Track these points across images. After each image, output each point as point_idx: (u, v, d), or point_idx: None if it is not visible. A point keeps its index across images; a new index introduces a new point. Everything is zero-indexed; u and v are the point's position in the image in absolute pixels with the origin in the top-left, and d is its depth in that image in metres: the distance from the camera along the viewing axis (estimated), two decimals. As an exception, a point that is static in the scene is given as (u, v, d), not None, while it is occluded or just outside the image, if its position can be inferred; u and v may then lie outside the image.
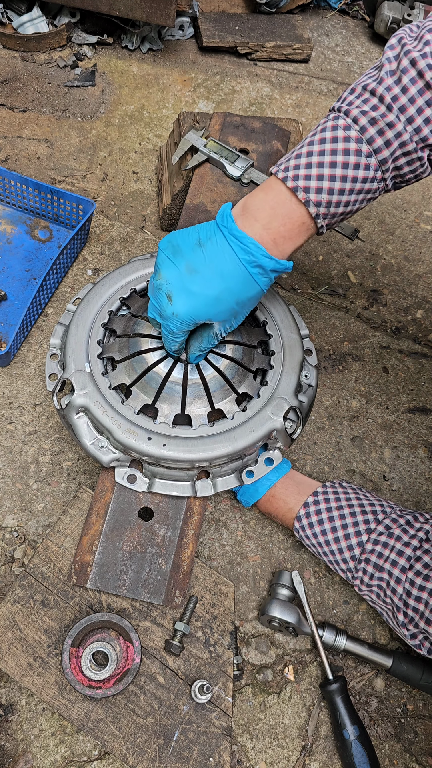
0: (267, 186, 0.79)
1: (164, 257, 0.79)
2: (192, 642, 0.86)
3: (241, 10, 1.94)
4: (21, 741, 0.85)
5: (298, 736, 0.89)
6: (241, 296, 0.78)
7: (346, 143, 0.73)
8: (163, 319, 0.81)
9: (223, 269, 0.76)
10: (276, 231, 0.76)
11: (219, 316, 0.80)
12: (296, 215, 0.76)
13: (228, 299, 0.78)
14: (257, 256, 0.76)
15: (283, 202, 0.76)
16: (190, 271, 0.77)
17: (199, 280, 0.77)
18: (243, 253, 0.76)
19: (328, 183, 0.74)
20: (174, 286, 0.78)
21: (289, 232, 0.77)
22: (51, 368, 0.93)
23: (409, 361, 1.28)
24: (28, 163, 1.48)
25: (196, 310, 0.78)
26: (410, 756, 0.89)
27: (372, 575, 0.83)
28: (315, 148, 0.75)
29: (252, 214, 0.77)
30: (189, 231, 0.80)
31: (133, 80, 1.73)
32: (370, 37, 2.06)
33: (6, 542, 0.98)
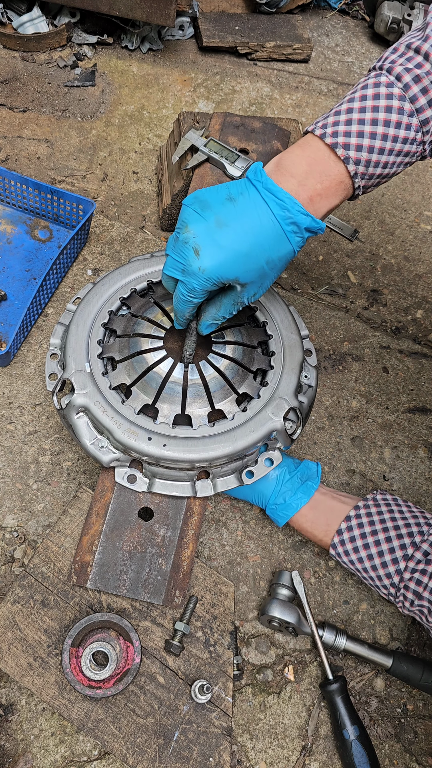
0: (304, 143, 0.75)
1: (191, 211, 0.75)
2: (192, 642, 0.86)
3: (241, 10, 1.94)
4: (21, 741, 0.85)
5: (298, 736, 0.89)
6: (272, 255, 0.74)
7: (388, 100, 0.71)
8: (186, 275, 0.75)
9: (255, 224, 0.73)
10: (312, 188, 0.73)
11: (247, 276, 0.75)
12: (334, 172, 0.73)
13: (259, 256, 0.74)
14: (293, 212, 0.72)
15: (320, 159, 0.73)
16: (219, 224, 0.73)
17: (231, 233, 0.73)
18: (278, 208, 0.72)
19: (368, 140, 0.71)
20: (202, 239, 0.73)
21: (326, 190, 0.74)
22: (51, 368, 0.93)
23: (409, 361, 1.28)
24: (28, 163, 1.48)
25: (225, 265, 0.73)
26: (410, 756, 0.89)
27: (412, 602, 0.81)
28: (356, 105, 0.73)
29: (287, 170, 0.74)
30: (218, 187, 0.76)
31: (133, 80, 1.73)
32: (370, 37, 2.06)
33: (6, 542, 0.98)
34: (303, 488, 0.91)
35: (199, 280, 0.75)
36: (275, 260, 0.76)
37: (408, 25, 1.91)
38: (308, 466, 0.94)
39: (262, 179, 0.73)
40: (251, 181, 0.74)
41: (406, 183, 1.60)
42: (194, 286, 0.76)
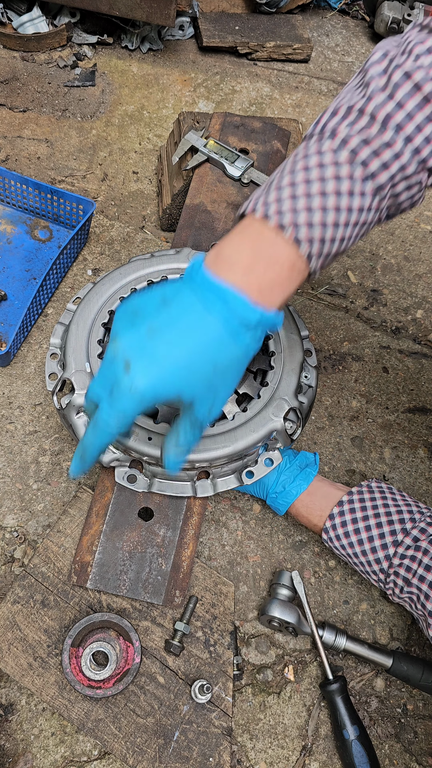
0: (244, 227, 0.64)
1: (122, 321, 0.62)
2: (192, 642, 0.86)
3: (241, 10, 1.94)
4: (21, 741, 0.85)
5: (298, 736, 0.89)
6: (220, 360, 0.61)
7: (336, 168, 0.62)
8: (115, 397, 0.60)
9: (194, 328, 0.60)
10: (260, 277, 0.62)
11: (192, 389, 0.61)
12: (284, 257, 0.62)
13: (202, 365, 0.60)
14: (239, 309, 0.60)
15: (266, 243, 0.63)
16: (152, 332, 0.60)
17: (165, 341, 0.60)
18: (220, 305, 0.60)
19: (320, 215, 0.62)
20: (133, 351, 0.60)
21: (278, 278, 0.63)
22: (51, 368, 0.93)
23: (409, 361, 1.28)
24: (28, 163, 1.48)
25: (162, 380, 0.59)
26: (410, 756, 0.89)
27: (402, 588, 0.82)
28: (299, 177, 0.63)
29: (228, 260, 0.62)
30: (152, 290, 0.65)
31: (133, 80, 1.73)
32: (370, 37, 2.06)
33: (6, 542, 0.98)
34: (302, 475, 0.92)
35: (131, 401, 0.59)
36: (224, 366, 0.62)
37: (408, 26, 1.91)
38: (306, 455, 0.95)
39: (200, 274, 0.62)
40: (188, 278, 0.63)
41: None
42: (124, 409, 0.60)
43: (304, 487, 0.91)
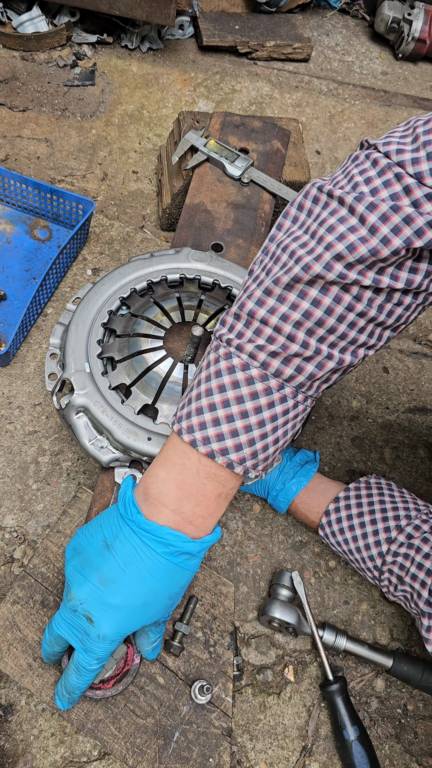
0: (168, 454, 0.67)
1: (72, 571, 0.68)
2: (192, 642, 0.86)
3: (241, 10, 1.93)
4: (21, 741, 0.84)
5: (298, 736, 0.89)
6: (172, 589, 0.68)
7: (250, 386, 0.63)
8: (87, 646, 0.67)
9: (143, 571, 0.65)
10: (191, 512, 0.65)
11: (152, 618, 0.69)
12: (210, 489, 0.65)
13: (157, 599, 0.67)
14: (178, 545, 0.65)
15: (191, 476, 0.65)
16: (104, 582, 0.66)
17: (120, 589, 0.66)
18: (161, 546, 0.65)
19: (245, 436, 0.63)
20: (91, 604, 0.66)
21: (207, 509, 0.66)
22: (50, 368, 0.93)
23: (409, 361, 1.28)
24: (28, 162, 1.48)
25: (125, 624, 0.67)
26: (410, 756, 0.89)
27: (396, 586, 0.82)
28: (216, 398, 0.64)
29: (157, 500, 0.66)
30: (92, 531, 0.69)
31: (133, 80, 1.73)
32: (370, 36, 2.06)
33: (5, 542, 0.98)
34: (302, 472, 0.92)
35: (104, 646, 0.67)
36: (177, 591, 0.69)
37: (408, 25, 1.91)
38: (306, 453, 0.96)
39: (134, 517, 0.66)
40: (124, 519, 0.67)
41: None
42: (99, 654, 0.68)
43: (303, 483, 0.91)
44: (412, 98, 1.90)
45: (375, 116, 1.80)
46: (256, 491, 0.95)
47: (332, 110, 1.78)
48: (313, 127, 1.73)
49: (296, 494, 0.91)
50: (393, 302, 0.63)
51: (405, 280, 0.60)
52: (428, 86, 1.96)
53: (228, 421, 0.63)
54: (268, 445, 0.65)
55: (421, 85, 1.95)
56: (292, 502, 0.93)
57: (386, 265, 0.60)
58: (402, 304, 0.63)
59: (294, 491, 0.91)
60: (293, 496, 0.92)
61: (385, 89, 1.90)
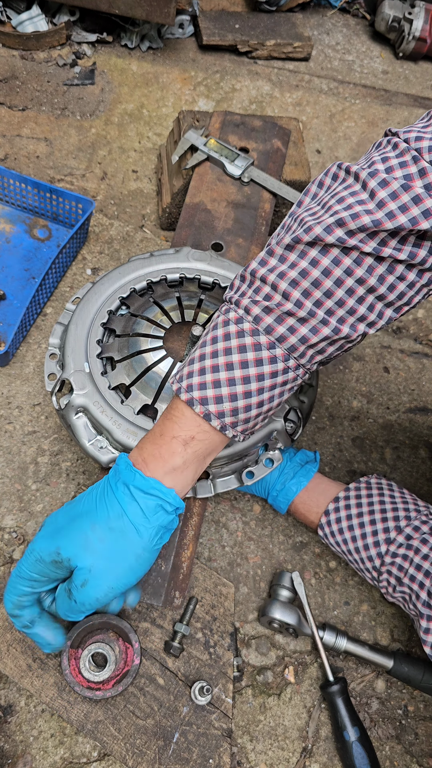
0: (168, 411, 0.68)
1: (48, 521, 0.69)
2: (192, 643, 0.86)
3: (241, 9, 1.93)
4: (20, 742, 0.84)
5: (299, 737, 0.89)
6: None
7: (240, 338, 0.64)
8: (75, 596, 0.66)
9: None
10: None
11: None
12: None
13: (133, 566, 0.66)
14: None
15: (161, 420, 0.68)
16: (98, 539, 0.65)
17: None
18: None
19: (227, 389, 0.63)
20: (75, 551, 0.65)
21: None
22: (50, 368, 0.93)
23: (410, 361, 1.28)
24: (27, 161, 1.47)
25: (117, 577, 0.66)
26: (411, 757, 0.89)
27: (395, 587, 0.81)
28: (207, 349, 0.65)
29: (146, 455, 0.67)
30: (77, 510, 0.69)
31: (133, 79, 1.72)
32: (370, 35, 2.05)
33: (5, 543, 0.98)
34: (302, 471, 0.92)
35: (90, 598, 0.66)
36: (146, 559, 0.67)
37: (409, 24, 1.90)
38: (306, 453, 0.95)
39: (118, 463, 0.68)
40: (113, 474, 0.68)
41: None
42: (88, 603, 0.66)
43: (304, 483, 0.91)
44: (413, 97, 1.89)
45: (375, 115, 1.80)
46: (256, 491, 0.95)
47: (333, 109, 1.78)
48: (313, 126, 1.72)
49: (296, 494, 0.91)
50: (395, 275, 0.62)
51: (408, 253, 0.61)
52: (429, 85, 1.95)
53: (212, 371, 0.64)
54: (251, 405, 0.65)
55: (422, 84, 1.95)
56: (292, 503, 0.92)
57: (389, 238, 0.60)
58: (405, 279, 0.63)
59: (294, 491, 0.91)
60: (293, 497, 0.91)
61: (386, 88, 1.90)
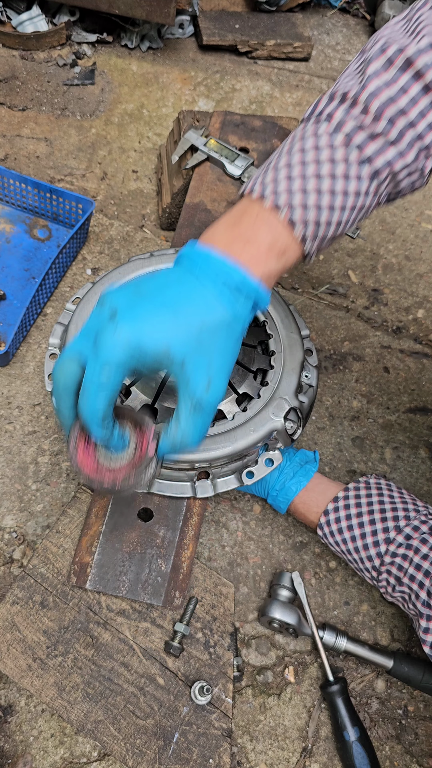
0: (240, 208, 0.65)
1: (108, 291, 0.61)
2: (192, 643, 0.86)
3: (241, 9, 1.93)
4: (20, 742, 0.84)
5: (299, 737, 0.89)
6: (206, 318, 0.59)
7: (331, 151, 0.62)
8: (98, 346, 0.57)
9: (178, 286, 0.60)
10: (252, 252, 0.62)
11: (180, 345, 0.57)
12: (272, 238, 0.62)
13: (190, 316, 0.58)
14: (216, 266, 0.60)
15: (259, 224, 0.62)
16: (139, 293, 0.60)
17: (152, 298, 0.59)
18: (200, 265, 0.61)
19: (314, 198, 0.62)
20: (120, 302, 0.58)
21: (267, 255, 0.62)
22: (50, 368, 0.93)
23: (410, 360, 1.28)
24: (27, 161, 1.47)
25: (148, 327, 0.57)
26: (411, 757, 0.89)
27: (394, 587, 0.81)
28: (295, 159, 0.63)
29: (216, 235, 0.64)
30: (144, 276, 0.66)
31: (133, 79, 1.72)
32: (370, 35, 2.05)
33: (5, 543, 0.98)
34: (302, 471, 0.92)
35: (116, 348, 0.56)
36: (213, 327, 0.59)
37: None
38: (306, 453, 0.95)
39: (187, 249, 0.63)
40: (178, 256, 0.64)
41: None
42: (109, 357, 0.56)
43: (303, 483, 0.91)
44: (413, 97, 1.89)
45: (375, 115, 1.80)
46: (256, 491, 0.95)
47: (332, 109, 1.78)
48: (313, 126, 1.72)
49: (296, 494, 0.91)
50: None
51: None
52: (429, 85, 1.95)
53: (301, 180, 0.62)
54: (331, 220, 0.63)
55: (422, 84, 1.95)
56: (291, 502, 0.92)
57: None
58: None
59: (294, 491, 0.91)
60: (293, 496, 0.91)
61: (386, 88, 1.90)
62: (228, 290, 0.60)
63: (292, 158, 0.63)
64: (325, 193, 0.62)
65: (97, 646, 0.83)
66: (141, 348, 0.56)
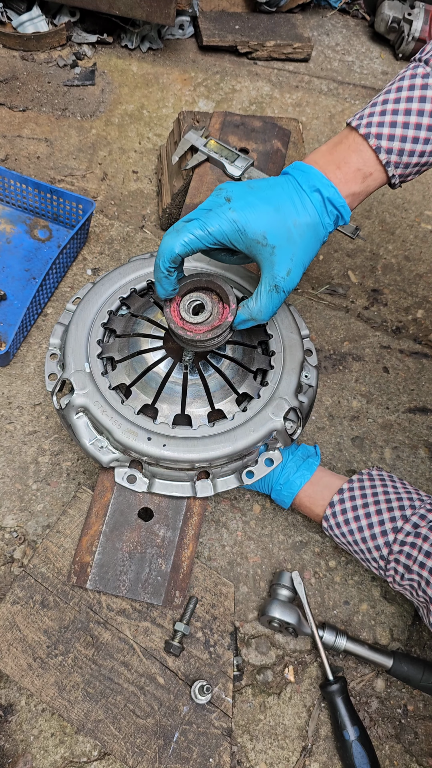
0: (338, 137, 0.79)
1: (225, 183, 0.79)
2: (192, 643, 0.86)
3: (241, 9, 1.93)
4: (21, 742, 0.84)
5: (299, 736, 0.89)
6: (299, 218, 0.76)
7: (423, 90, 0.73)
8: (209, 216, 0.76)
9: (282, 187, 0.77)
10: (343, 173, 0.77)
11: (275, 233, 0.75)
12: (358, 162, 0.76)
13: (286, 215, 0.75)
14: (315, 180, 0.76)
15: (351, 150, 0.76)
16: (251, 186, 0.77)
17: (261, 192, 0.76)
18: (302, 176, 0.77)
19: (401, 130, 0.73)
20: (234, 191, 0.76)
21: (354, 177, 0.77)
22: (50, 368, 0.93)
23: (409, 360, 1.28)
24: (28, 162, 1.47)
25: (254, 213, 0.74)
26: (410, 756, 0.89)
27: (402, 575, 0.82)
28: (391, 96, 0.75)
29: (319, 159, 0.78)
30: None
31: (133, 79, 1.73)
32: (370, 36, 2.06)
33: (5, 542, 0.98)
34: (305, 465, 0.92)
35: (224, 221, 0.74)
36: (303, 225, 0.76)
37: (408, 25, 1.91)
38: (307, 447, 0.96)
39: (293, 164, 0.78)
40: (286, 169, 0.80)
41: (407, 182, 1.60)
42: (215, 225, 0.75)
43: (307, 477, 0.91)
44: (413, 98, 1.89)
45: (375, 116, 1.80)
46: (259, 488, 0.96)
47: (332, 110, 1.78)
48: (313, 126, 1.72)
49: (300, 487, 0.91)
50: None
51: None
52: (428, 86, 1.95)
53: (392, 114, 0.74)
54: (414, 150, 0.75)
55: (422, 85, 1.95)
56: (296, 497, 0.93)
57: None
58: None
59: (298, 485, 0.91)
60: (297, 490, 0.92)
61: (386, 89, 1.90)
62: (320, 200, 0.76)
63: (389, 95, 0.75)
64: (411, 127, 0.73)
65: (97, 645, 0.84)
66: (244, 228, 0.74)
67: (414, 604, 0.85)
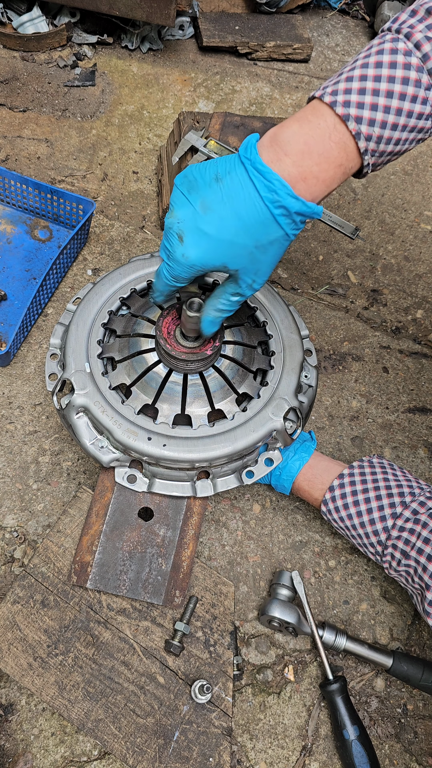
0: (307, 113, 0.68)
1: (179, 194, 0.71)
2: (192, 642, 0.86)
3: (241, 10, 1.94)
4: (21, 741, 0.85)
5: (298, 736, 0.89)
6: (262, 239, 0.69)
7: (405, 71, 0.64)
8: (171, 261, 0.73)
9: (241, 207, 0.68)
10: (308, 170, 0.67)
11: (235, 262, 0.71)
12: (335, 153, 0.67)
13: (246, 241, 0.69)
14: (281, 195, 0.66)
15: (321, 137, 0.66)
16: (204, 209, 0.69)
17: (214, 219, 0.69)
18: (265, 190, 0.66)
19: (382, 114, 0.65)
20: (186, 225, 0.70)
21: (325, 173, 0.67)
22: (51, 368, 0.93)
23: (409, 361, 1.28)
24: (28, 162, 1.48)
25: (208, 252, 0.70)
26: (410, 756, 0.89)
27: (399, 561, 0.82)
28: (370, 72, 0.65)
29: (282, 148, 0.67)
30: (207, 164, 0.71)
31: (133, 80, 1.73)
32: (370, 36, 2.06)
33: (6, 542, 0.98)
34: (302, 448, 0.94)
35: (183, 267, 0.73)
36: (265, 245, 0.70)
37: (408, 25, 1.91)
38: (303, 434, 0.97)
39: (252, 157, 0.67)
40: (241, 158, 0.68)
41: (406, 183, 1.60)
42: (178, 273, 0.74)
43: (306, 459, 0.92)
44: (412, 98, 1.90)
45: (375, 116, 1.80)
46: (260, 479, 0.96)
47: (332, 110, 1.78)
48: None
49: (299, 470, 0.92)
50: None
51: None
52: (428, 86, 1.95)
53: (372, 94, 0.65)
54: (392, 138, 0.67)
55: (421, 86, 1.95)
56: (295, 480, 0.93)
57: None
58: None
59: (297, 467, 0.92)
60: (296, 473, 0.92)
61: (385, 89, 1.90)
62: (286, 213, 0.68)
63: (368, 71, 0.66)
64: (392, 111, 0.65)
65: (97, 644, 0.84)
66: (204, 267, 0.73)
67: (408, 591, 0.85)
